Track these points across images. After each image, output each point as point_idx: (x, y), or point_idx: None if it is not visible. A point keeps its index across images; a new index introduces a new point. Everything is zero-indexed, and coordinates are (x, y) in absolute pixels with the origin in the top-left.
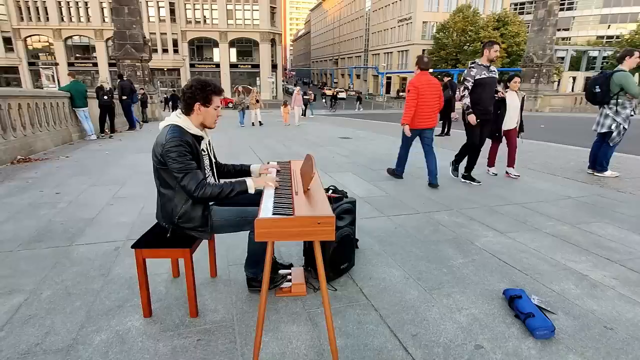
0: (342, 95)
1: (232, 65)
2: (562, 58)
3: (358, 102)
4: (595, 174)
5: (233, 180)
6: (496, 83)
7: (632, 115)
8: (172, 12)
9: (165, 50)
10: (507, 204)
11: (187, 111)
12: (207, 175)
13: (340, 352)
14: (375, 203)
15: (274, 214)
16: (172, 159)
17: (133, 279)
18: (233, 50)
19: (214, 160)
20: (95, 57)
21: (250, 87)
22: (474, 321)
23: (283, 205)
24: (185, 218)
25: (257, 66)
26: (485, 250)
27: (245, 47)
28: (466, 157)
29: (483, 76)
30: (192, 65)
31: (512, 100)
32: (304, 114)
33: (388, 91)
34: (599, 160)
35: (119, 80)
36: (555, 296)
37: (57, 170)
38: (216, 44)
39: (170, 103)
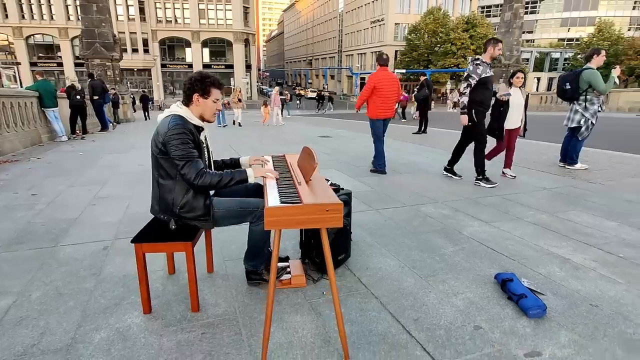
0: (313, 95)
1: (205, 66)
2: (527, 59)
3: (329, 102)
4: (566, 166)
5: (230, 170)
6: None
7: (599, 111)
8: (142, 11)
9: (135, 50)
10: (489, 195)
11: (187, 102)
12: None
13: (346, 339)
14: (362, 197)
15: (282, 202)
16: (174, 146)
17: (127, 277)
18: (206, 51)
19: (212, 152)
20: (60, 57)
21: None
22: (470, 304)
23: (289, 195)
24: (188, 208)
25: (231, 66)
26: (473, 238)
27: (219, 47)
28: (455, 156)
29: (487, 74)
30: (163, 66)
31: (516, 97)
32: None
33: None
34: (569, 153)
35: (89, 80)
36: (542, 279)
37: (30, 171)
38: (188, 44)
39: (141, 104)
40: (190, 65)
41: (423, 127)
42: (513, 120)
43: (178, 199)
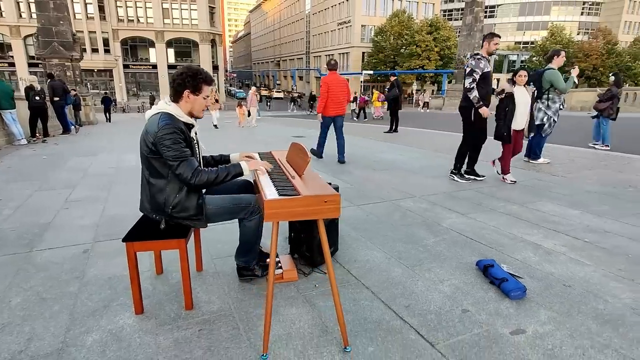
0: (279, 95)
1: (171, 67)
2: None
3: (292, 104)
4: (530, 161)
5: (226, 165)
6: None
7: (561, 109)
8: (101, 9)
9: (95, 50)
10: (462, 189)
11: (176, 98)
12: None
13: (345, 326)
14: (343, 194)
15: (280, 195)
16: (166, 146)
17: (113, 279)
18: (171, 51)
19: (203, 148)
20: (12, 57)
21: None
22: (456, 290)
23: (286, 188)
24: (180, 207)
25: None
26: (452, 229)
27: (184, 48)
28: (466, 158)
29: (487, 69)
30: (126, 66)
31: (522, 96)
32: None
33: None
34: (533, 149)
35: (49, 81)
36: (519, 264)
37: None
38: (152, 44)
39: (103, 106)
40: (155, 66)
41: (394, 126)
42: (520, 120)
43: (170, 199)
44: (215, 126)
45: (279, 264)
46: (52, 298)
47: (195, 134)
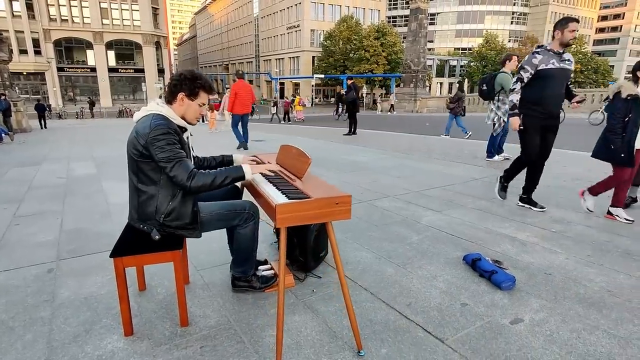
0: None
1: (112, 70)
2: (430, 66)
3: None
4: (486, 159)
5: (224, 167)
6: (569, 77)
7: None
8: (30, 7)
9: (23, 52)
10: (431, 188)
11: (170, 99)
12: None
13: (349, 330)
14: None
15: (291, 199)
16: (159, 148)
17: (90, 300)
18: (111, 53)
19: (194, 155)
20: None
21: None
22: (450, 285)
23: (292, 191)
24: (174, 215)
25: (141, 71)
26: (432, 227)
27: (126, 50)
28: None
29: (551, 66)
30: (60, 69)
31: None
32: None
33: (282, 97)
34: (487, 147)
35: None
36: (500, 256)
37: None
38: (90, 46)
39: (36, 113)
40: (94, 69)
41: (353, 129)
42: None
43: (162, 207)
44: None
45: (272, 270)
46: (21, 326)
47: (187, 138)
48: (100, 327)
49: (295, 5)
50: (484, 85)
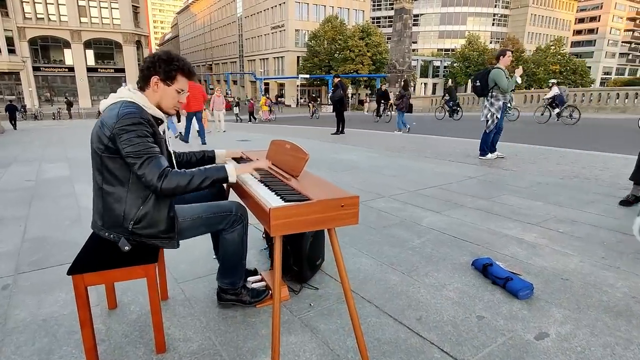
0: None
1: (91, 69)
2: (414, 66)
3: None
4: (479, 157)
5: (203, 167)
6: None
7: (510, 108)
8: (3, 4)
9: None
10: (426, 187)
11: (143, 85)
12: None
13: (356, 353)
14: None
15: (287, 201)
16: (127, 140)
17: (49, 322)
18: (90, 52)
19: (173, 151)
20: None
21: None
22: (462, 294)
23: (288, 192)
24: (146, 222)
25: (122, 70)
26: (433, 228)
27: (106, 50)
28: None
29: None
30: (36, 69)
31: None
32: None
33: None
34: (480, 145)
35: None
36: (510, 259)
37: None
38: (67, 45)
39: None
40: (72, 69)
41: (340, 128)
42: None
43: (132, 212)
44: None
45: (263, 282)
46: None
47: (164, 132)
48: (59, 356)
49: (280, 5)
50: (478, 81)
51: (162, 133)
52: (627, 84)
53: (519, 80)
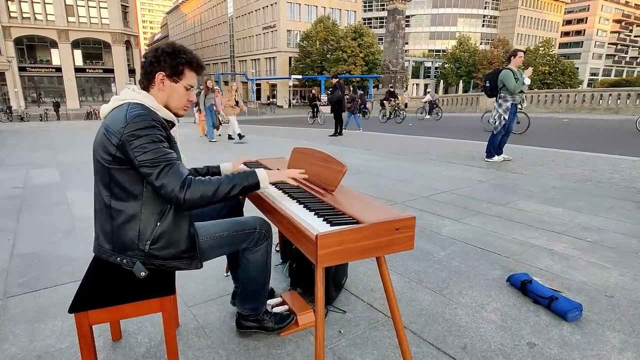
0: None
1: (79, 70)
2: (406, 67)
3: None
4: (485, 159)
5: (231, 173)
6: None
7: (520, 109)
8: None
9: None
10: (437, 192)
11: (147, 84)
12: None
13: None
14: None
15: (333, 225)
16: (140, 147)
17: (45, 358)
18: (78, 52)
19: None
20: None
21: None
22: (505, 317)
23: (331, 213)
24: (165, 241)
25: (111, 71)
26: (456, 239)
27: (94, 50)
28: None
29: None
30: (22, 69)
31: None
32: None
33: (259, 97)
34: (487, 147)
35: None
36: (545, 274)
37: None
38: (54, 44)
39: None
40: (59, 69)
41: (339, 129)
42: None
43: (147, 230)
44: (240, 135)
45: (284, 305)
46: None
47: (176, 137)
48: None
49: (271, 5)
50: (487, 82)
51: (174, 137)
52: (613, 85)
53: (528, 82)
